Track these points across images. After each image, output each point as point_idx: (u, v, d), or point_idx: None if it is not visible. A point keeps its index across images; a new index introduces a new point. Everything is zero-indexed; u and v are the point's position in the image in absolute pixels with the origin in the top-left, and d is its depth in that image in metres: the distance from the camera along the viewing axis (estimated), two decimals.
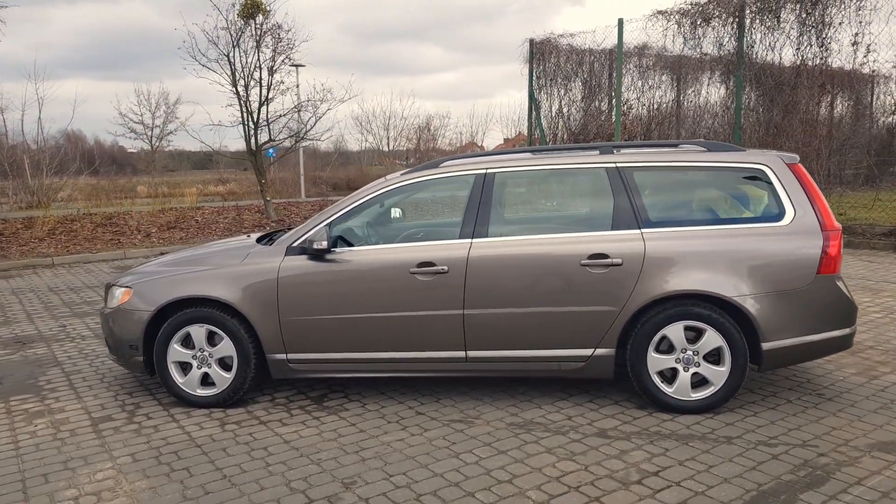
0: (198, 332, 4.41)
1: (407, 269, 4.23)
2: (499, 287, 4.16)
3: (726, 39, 12.06)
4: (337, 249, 4.31)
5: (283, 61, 14.14)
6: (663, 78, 16.59)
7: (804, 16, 10.91)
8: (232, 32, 13.67)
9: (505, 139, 40.78)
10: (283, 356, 4.40)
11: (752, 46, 11.65)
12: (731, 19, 11.91)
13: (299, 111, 14.75)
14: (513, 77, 74.33)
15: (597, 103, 16.46)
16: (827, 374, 4.76)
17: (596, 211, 4.30)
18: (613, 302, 4.07)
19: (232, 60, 13.77)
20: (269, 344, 4.38)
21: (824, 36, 10.73)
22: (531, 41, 16.14)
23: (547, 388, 4.59)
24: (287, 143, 15.29)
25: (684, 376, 4.09)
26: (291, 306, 4.33)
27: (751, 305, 3.97)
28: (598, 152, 4.43)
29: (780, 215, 4.09)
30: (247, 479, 3.46)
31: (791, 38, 11.13)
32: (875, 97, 14.97)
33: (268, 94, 14.25)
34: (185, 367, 4.49)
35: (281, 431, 4.07)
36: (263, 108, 14.45)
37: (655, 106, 14.99)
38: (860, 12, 10.27)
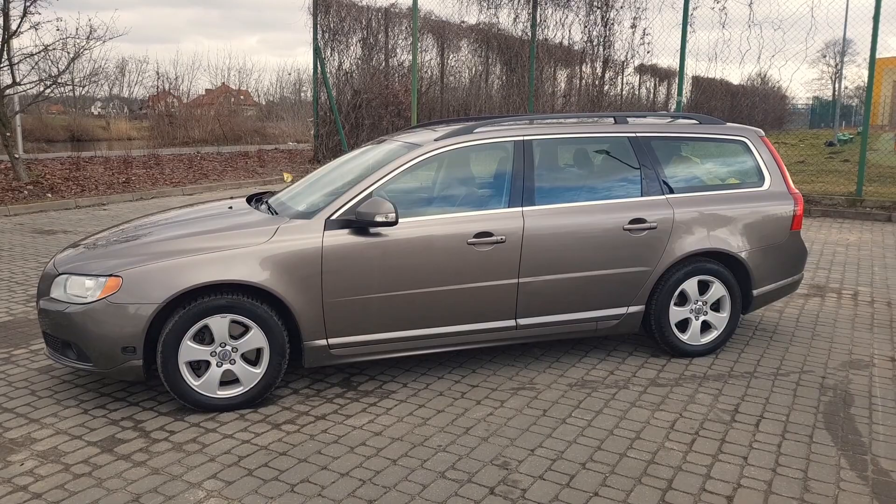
0: (219, 323, 3.73)
1: (464, 240, 4.07)
2: (552, 254, 4.23)
3: (521, 12, 13.03)
4: (402, 221, 3.95)
5: None
6: (430, 42, 17.31)
7: None
8: None
9: (206, 90, 38.00)
10: (323, 342, 3.94)
11: (545, 20, 12.80)
12: None
13: (47, 50, 12.14)
14: (204, 24, 68.99)
15: (374, 62, 16.63)
16: (748, 315, 5.70)
17: (625, 178, 4.56)
18: (649, 262, 4.42)
19: None
20: (308, 330, 3.88)
21: (608, 17, 12.26)
22: None
23: (550, 350, 4.79)
24: (38, 89, 12.52)
25: (695, 324, 4.62)
26: (337, 286, 3.88)
27: (749, 259, 4.63)
28: (612, 121, 4.69)
29: (761, 181, 4.80)
30: (389, 478, 3.11)
31: (579, 16, 12.49)
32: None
33: (17, 26, 11.52)
34: (196, 367, 3.78)
35: (356, 423, 3.68)
36: (14, 45, 11.68)
37: (426, 69, 15.64)
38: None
